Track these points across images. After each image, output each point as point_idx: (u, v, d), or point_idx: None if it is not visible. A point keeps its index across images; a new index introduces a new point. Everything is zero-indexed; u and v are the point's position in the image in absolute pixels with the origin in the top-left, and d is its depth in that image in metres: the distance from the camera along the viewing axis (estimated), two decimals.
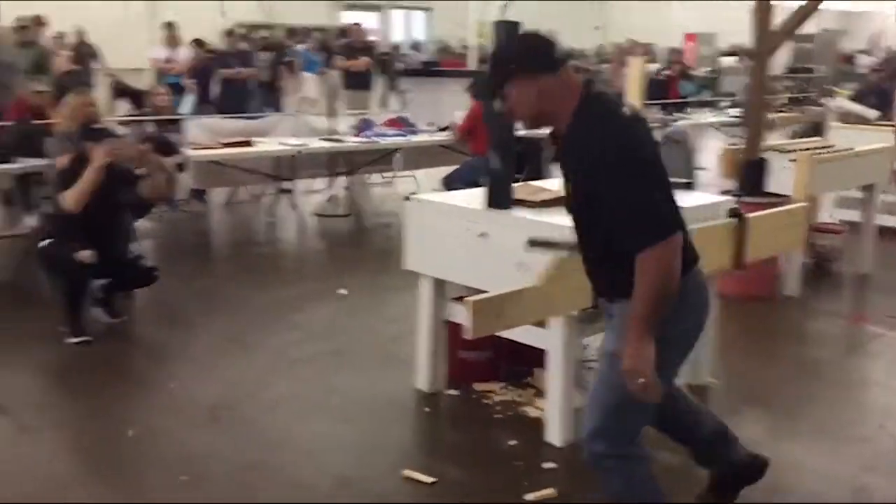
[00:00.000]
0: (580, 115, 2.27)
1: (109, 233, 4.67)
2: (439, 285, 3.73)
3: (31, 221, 6.08)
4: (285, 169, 7.49)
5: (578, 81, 2.31)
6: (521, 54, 2.34)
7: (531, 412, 3.66)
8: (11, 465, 3.20)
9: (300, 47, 15.91)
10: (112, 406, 3.77)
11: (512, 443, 3.42)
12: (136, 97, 9.41)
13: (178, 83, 9.08)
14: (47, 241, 4.60)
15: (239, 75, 9.44)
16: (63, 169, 4.79)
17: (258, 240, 7.24)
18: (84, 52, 10.96)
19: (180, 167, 6.34)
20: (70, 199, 4.49)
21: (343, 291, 5.39)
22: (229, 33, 11.44)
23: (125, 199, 4.79)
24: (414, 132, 8.18)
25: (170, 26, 9.92)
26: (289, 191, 7.75)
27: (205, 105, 9.16)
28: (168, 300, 5.27)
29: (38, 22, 8.89)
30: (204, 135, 7.21)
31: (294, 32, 20.77)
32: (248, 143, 7.02)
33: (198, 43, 10.00)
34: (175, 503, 2.96)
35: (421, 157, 8.15)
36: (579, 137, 2.25)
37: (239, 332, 4.70)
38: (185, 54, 9.79)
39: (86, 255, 4.39)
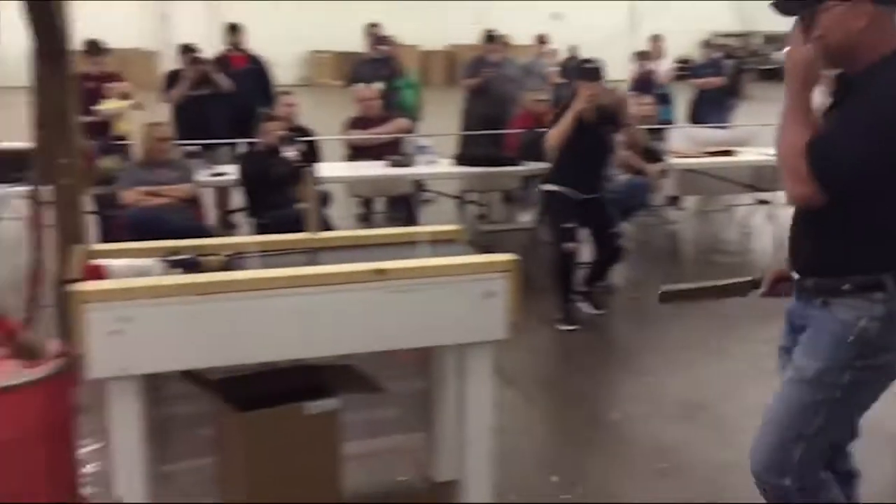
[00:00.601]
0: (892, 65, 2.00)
1: (595, 174, 5.02)
2: None
3: (527, 217, 6.86)
4: (764, 180, 7.35)
5: None
6: None
7: None
8: (519, 425, 3.71)
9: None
10: (596, 390, 4.15)
11: None
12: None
13: (663, 94, 9.40)
14: (548, 186, 5.15)
15: (707, 85, 9.47)
16: (556, 111, 5.27)
17: (730, 249, 7.22)
18: (571, 67, 11.89)
19: (662, 174, 6.61)
20: (551, 136, 4.95)
21: None
22: (706, 44, 11.51)
23: (609, 138, 5.09)
24: None
25: (656, 38, 10.30)
26: (767, 202, 7.59)
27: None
28: (640, 298, 5.58)
29: (541, 41, 9.90)
30: (685, 144, 7.42)
31: (772, 40, 20.05)
32: (729, 153, 7.06)
33: (641, 56, 10.20)
34: (652, 488, 3.19)
35: None
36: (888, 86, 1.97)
37: (709, 336, 4.81)
38: (665, 66, 10.09)
39: (570, 247, 4.86)
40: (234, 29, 7.60)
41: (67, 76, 2.42)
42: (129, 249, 2.74)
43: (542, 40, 9.45)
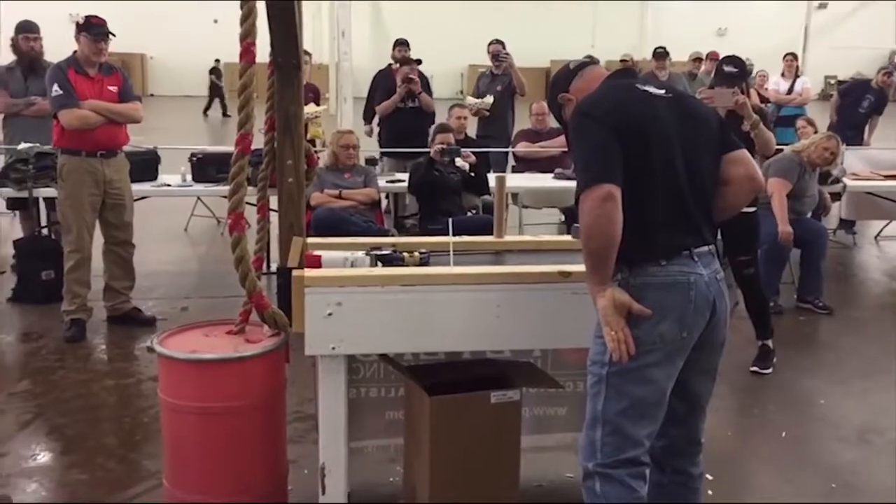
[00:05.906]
0: None
1: None
2: None
3: None
4: None
5: None
6: None
7: None
8: None
9: None
10: (766, 405, 4.13)
11: None
12: None
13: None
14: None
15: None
16: None
17: None
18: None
19: (837, 196, 6.42)
20: None
21: None
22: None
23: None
24: None
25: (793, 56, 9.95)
26: None
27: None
28: (812, 323, 5.46)
29: (711, 57, 9.78)
30: (863, 165, 7.16)
31: None
32: None
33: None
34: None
35: None
36: None
37: (890, 363, 4.68)
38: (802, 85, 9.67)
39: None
40: (400, 44, 7.95)
41: (298, 87, 2.73)
42: (339, 243, 3.03)
43: (712, 57, 9.34)
